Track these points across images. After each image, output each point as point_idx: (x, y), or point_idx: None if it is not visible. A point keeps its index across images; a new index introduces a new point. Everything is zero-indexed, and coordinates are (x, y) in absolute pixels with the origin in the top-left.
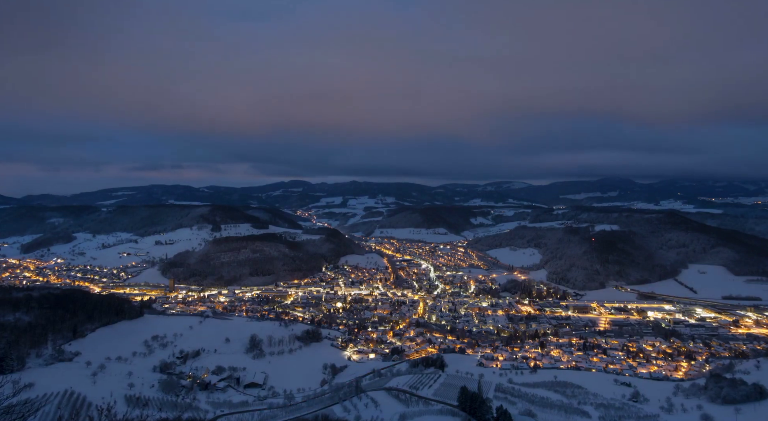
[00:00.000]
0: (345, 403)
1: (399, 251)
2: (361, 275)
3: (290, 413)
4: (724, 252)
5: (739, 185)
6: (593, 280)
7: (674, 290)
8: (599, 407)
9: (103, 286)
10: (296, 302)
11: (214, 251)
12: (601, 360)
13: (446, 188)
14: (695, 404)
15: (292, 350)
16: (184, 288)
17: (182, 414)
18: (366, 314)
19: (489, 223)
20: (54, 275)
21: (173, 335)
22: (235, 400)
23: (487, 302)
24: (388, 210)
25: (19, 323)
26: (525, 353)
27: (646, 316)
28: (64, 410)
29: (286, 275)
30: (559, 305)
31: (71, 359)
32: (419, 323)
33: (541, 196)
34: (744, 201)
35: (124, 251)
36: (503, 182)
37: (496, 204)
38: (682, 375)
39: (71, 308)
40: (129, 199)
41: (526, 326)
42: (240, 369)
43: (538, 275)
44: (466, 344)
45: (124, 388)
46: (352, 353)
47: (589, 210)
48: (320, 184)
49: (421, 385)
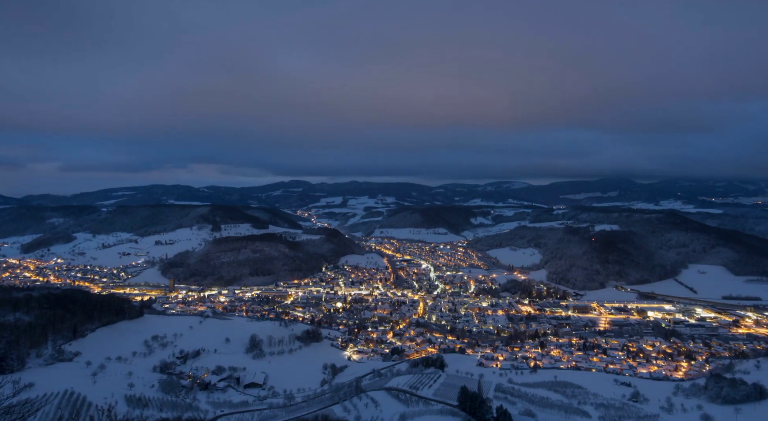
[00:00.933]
0: (345, 403)
1: (399, 251)
2: (361, 275)
3: (290, 413)
4: (724, 252)
5: (739, 185)
6: (593, 280)
7: (674, 290)
8: (599, 407)
9: (103, 286)
10: (296, 302)
11: (214, 251)
12: (601, 360)
13: (446, 188)
14: (695, 404)
15: (292, 350)
16: (184, 288)
17: (182, 414)
18: (366, 314)
19: (489, 223)
20: (54, 275)
21: (173, 335)
22: (235, 400)
23: (487, 302)
24: (388, 210)
25: (19, 323)
26: (525, 353)
27: (646, 316)
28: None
29: (286, 275)
30: (559, 305)
31: (71, 359)
32: (419, 323)
33: (541, 197)
34: (744, 201)
35: (124, 251)
36: (503, 182)
37: (496, 204)
38: (682, 375)
39: (71, 308)
40: (129, 199)
41: (526, 326)
42: (240, 369)
43: (538, 275)
44: (466, 344)
45: (125, 388)
46: (352, 353)
47: (589, 210)
48: (320, 184)
49: (421, 385)
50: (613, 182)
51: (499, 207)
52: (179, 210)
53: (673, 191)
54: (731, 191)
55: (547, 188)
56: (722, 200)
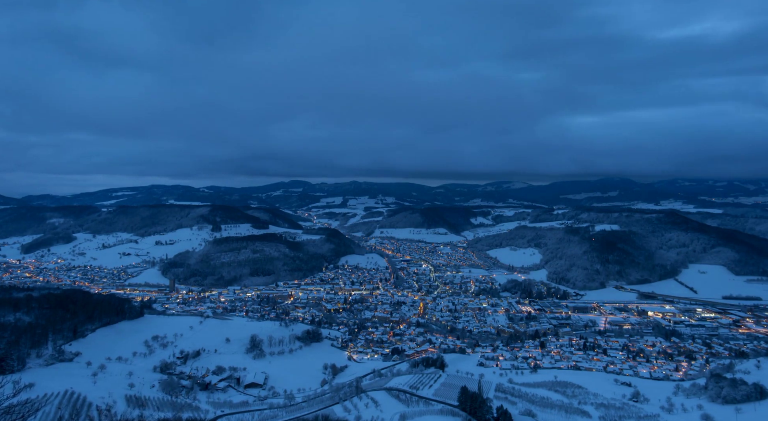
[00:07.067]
0: (345, 403)
1: (399, 251)
2: (361, 275)
3: (291, 413)
4: (725, 252)
5: (739, 185)
6: (593, 280)
7: (674, 289)
8: (599, 407)
9: (103, 286)
10: (296, 302)
11: (215, 251)
12: (602, 360)
13: (446, 188)
14: (695, 403)
15: (293, 350)
16: (184, 288)
17: (182, 414)
18: (366, 314)
19: (489, 223)
20: (54, 276)
21: (173, 335)
22: (235, 400)
23: (488, 302)
24: (388, 210)
25: (19, 324)
26: (525, 353)
27: (647, 316)
28: (65, 410)
29: (287, 275)
30: (559, 305)
31: (71, 359)
32: (419, 323)
33: (541, 196)
34: (744, 201)
35: (124, 251)
36: (503, 182)
37: (496, 204)
38: (682, 375)
39: (71, 308)
40: (129, 199)
41: (526, 326)
42: (240, 369)
43: (538, 275)
44: (467, 344)
45: (125, 388)
46: (353, 353)
47: (589, 210)
48: (320, 185)
49: (422, 385)
50: (613, 182)
51: (499, 207)
52: (179, 210)
53: (673, 191)
54: (731, 191)
55: (547, 188)
56: (722, 200)
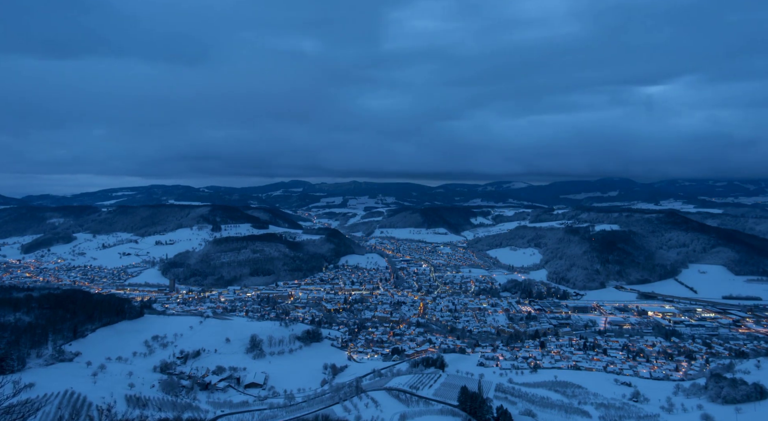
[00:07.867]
0: (345, 403)
1: (399, 251)
2: (361, 275)
3: (291, 413)
4: (725, 252)
5: (739, 185)
6: (593, 280)
7: (674, 289)
8: (599, 407)
9: (103, 286)
10: (296, 302)
11: (215, 251)
12: (602, 360)
13: (446, 188)
14: (695, 403)
15: (293, 350)
16: (184, 288)
17: (182, 414)
18: (366, 314)
19: (489, 223)
20: (54, 276)
21: (173, 335)
22: (235, 400)
23: (488, 302)
24: (388, 210)
25: (19, 324)
26: (525, 353)
27: (647, 316)
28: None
29: (287, 275)
30: (559, 304)
31: (71, 359)
32: (419, 323)
33: (541, 196)
34: (744, 201)
35: (124, 251)
36: (503, 182)
37: (496, 204)
38: (682, 375)
39: (71, 308)
40: (129, 199)
41: (526, 326)
42: (240, 369)
43: (538, 275)
44: (467, 344)
45: (125, 388)
46: (353, 353)
47: (589, 210)
48: (320, 185)
49: (422, 385)
50: (613, 182)
51: (499, 207)
52: (179, 210)
53: (673, 191)
54: (731, 191)
55: (547, 188)
56: (722, 200)
